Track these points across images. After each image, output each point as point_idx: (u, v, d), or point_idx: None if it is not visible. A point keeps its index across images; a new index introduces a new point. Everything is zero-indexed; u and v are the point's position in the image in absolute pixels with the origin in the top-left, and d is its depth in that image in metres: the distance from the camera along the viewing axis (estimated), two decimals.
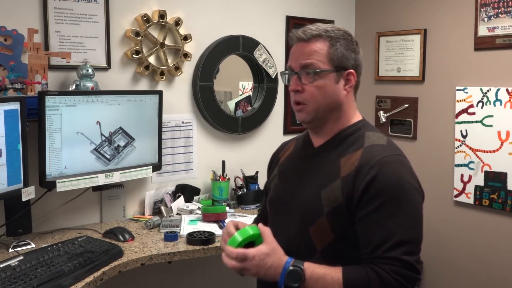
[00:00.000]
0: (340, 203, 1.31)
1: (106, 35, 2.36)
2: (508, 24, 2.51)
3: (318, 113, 1.39)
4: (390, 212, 1.26)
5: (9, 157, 1.93)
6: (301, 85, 1.38)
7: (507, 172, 2.55)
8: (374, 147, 1.35)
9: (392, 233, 1.25)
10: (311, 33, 1.38)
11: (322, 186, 1.36)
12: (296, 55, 1.40)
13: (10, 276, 1.60)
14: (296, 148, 1.57)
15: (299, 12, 3.02)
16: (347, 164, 1.34)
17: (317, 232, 1.34)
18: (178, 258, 2.05)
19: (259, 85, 2.91)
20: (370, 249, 1.26)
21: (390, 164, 1.31)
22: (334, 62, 1.38)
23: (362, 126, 1.44)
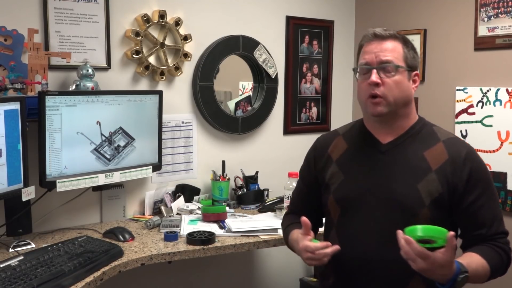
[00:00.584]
0: (440, 193, 1.45)
1: (106, 35, 2.36)
2: (508, 24, 2.51)
3: (395, 105, 1.48)
4: (489, 195, 1.48)
5: (9, 157, 1.93)
6: (380, 79, 1.47)
7: (507, 172, 2.55)
8: (451, 140, 1.54)
9: (495, 212, 1.49)
10: (388, 33, 1.51)
11: (415, 179, 1.47)
12: (375, 51, 1.49)
13: (10, 276, 1.60)
14: (353, 143, 1.61)
15: (299, 12, 3.02)
16: (433, 157, 1.48)
17: (418, 223, 1.39)
18: (178, 258, 2.05)
19: (259, 85, 2.91)
20: (485, 230, 1.46)
21: (476, 155, 1.52)
22: (408, 61, 1.50)
23: (426, 122, 1.59)
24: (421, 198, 1.44)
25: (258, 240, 2.18)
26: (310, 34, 3.08)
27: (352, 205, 1.54)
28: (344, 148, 1.61)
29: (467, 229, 1.50)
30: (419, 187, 1.45)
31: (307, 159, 1.73)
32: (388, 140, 1.54)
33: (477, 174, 1.47)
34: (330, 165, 1.61)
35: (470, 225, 1.49)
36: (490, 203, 1.48)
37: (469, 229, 1.49)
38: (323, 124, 3.20)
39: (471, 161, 1.48)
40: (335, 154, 1.62)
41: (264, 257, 3.01)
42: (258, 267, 3.03)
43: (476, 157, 1.51)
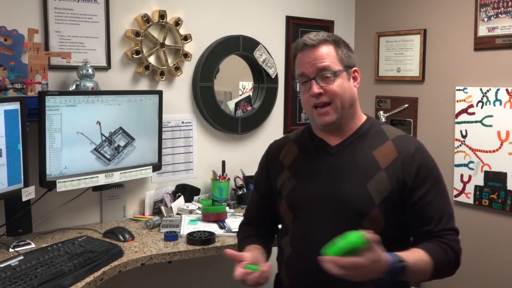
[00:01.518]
0: (390, 191, 1.44)
1: (106, 35, 2.36)
2: (508, 24, 2.51)
3: (343, 109, 1.49)
4: (438, 190, 1.48)
5: (9, 157, 1.93)
6: (321, 88, 1.46)
7: (506, 172, 2.55)
8: (401, 137, 1.53)
9: (444, 208, 1.47)
10: (317, 39, 1.49)
11: (365, 179, 1.46)
12: (309, 61, 1.48)
13: (10, 276, 1.60)
14: (303, 148, 1.61)
15: (299, 12, 3.02)
16: (382, 156, 1.48)
17: (369, 223, 1.43)
18: (178, 258, 2.05)
19: (259, 85, 2.92)
20: (432, 226, 1.45)
21: (424, 150, 1.52)
22: (344, 62, 1.50)
23: (374, 121, 1.59)
24: (371, 198, 1.44)
25: None
26: None
27: (303, 210, 1.53)
28: (295, 153, 1.61)
29: (415, 225, 1.48)
30: (369, 187, 1.45)
31: (260, 168, 1.73)
32: (337, 142, 1.54)
33: (425, 170, 1.47)
34: (282, 172, 1.61)
35: (418, 221, 1.47)
36: (438, 199, 1.47)
37: (417, 226, 1.48)
38: None
39: (420, 156, 1.48)
40: (287, 160, 1.62)
41: None
42: None
43: (425, 153, 1.51)
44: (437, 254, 1.42)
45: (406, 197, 1.46)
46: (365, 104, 3.23)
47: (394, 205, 1.45)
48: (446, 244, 1.44)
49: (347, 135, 1.54)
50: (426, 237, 1.46)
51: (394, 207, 1.45)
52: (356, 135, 1.53)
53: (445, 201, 1.49)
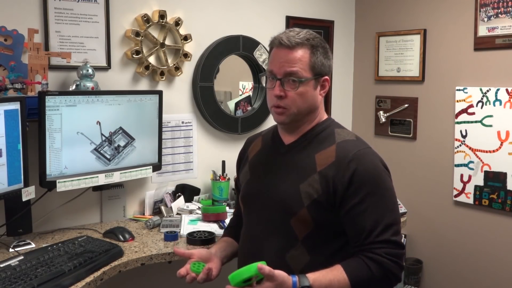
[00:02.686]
0: (319, 195, 1.42)
1: (106, 35, 2.36)
2: (507, 24, 2.52)
3: (297, 116, 1.49)
4: (375, 200, 1.39)
5: (9, 157, 1.93)
6: (284, 91, 1.46)
7: (506, 172, 2.55)
8: (346, 142, 1.48)
9: (379, 218, 1.38)
10: (295, 40, 1.45)
11: (299, 180, 1.46)
12: (280, 61, 1.46)
13: (10, 276, 1.60)
14: (265, 144, 1.65)
15: (299, 12, 3.02)
16: (322, 159, 1.45)
17: (298, 223, 1.44)
18: (178, 258, 2.04)
19: (259, 85, 2.92)
20: (362, 237, 1.38)
21: (365, 157, 1.44)
22: (314, 70, 1.47)
23: (330, 124, 1.55)
24: (300, 198, 1.43)
25: None
26: None
27: (250, 204, 1.60)
28: (258, 148, 1.65)
29: (348, 235, 1.43)
30: (301, 188, 1.44)
31: (237, 163, 1.77)
32: (290, 141, 1.55)
33: (360, 178, 1.39)
34: (245, 165, 1.67)
35: (350, 231, 1.42)
36: (374, 208, 1.38)
37: (349, 236, 1.43)
38: None
39: (357, 163, 1.40)
40: (251, 154, 1.67)
41: None
42: None
43: (365, 159, 1.42)
44: (358, 273, 1.36)
45: (338, 204, 1.41)
46: (365, 104, 3.24)
47: (324, 209, 1.42)
48: (373, 260, 1.36)
49: (299, 135, 1.54)
50: (356, 249, 1.40)
51: (324, 211, 1.42)
52: (306, 136, 1.53)
53: (383, 212, 1.39)
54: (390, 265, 1.36)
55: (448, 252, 2.86)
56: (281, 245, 1.46)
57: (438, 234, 2.89)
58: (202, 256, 1.53)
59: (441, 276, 2.91)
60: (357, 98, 3.33)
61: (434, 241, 2.90)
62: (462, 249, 2.80)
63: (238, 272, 1.30)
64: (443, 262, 2.88)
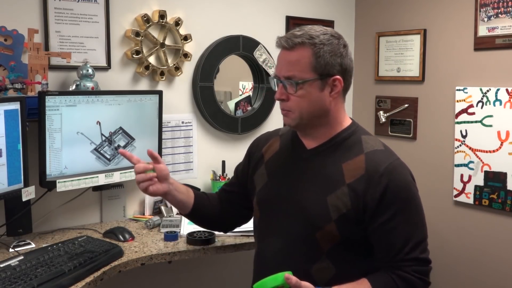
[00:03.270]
0: (348, 210, 1.35)
1: (106, 35, 2.36)
2: (508, 24, 2.51)
3: (302, 119, 1.41)
4: (405, 217, 1.35)
5: (9, 157, 1.93)
6: (286, 94, 1.40)
7: (506, 172, 2.55)
8: (375, 153, 1.40)
9: (410, 236, 1.35)
10: (294, 41, 1.37)
11: (326, 191, 1.38)
12: (281, 64, 1.41)
13: (10, 276, 1.60)
14: (283, 146, 1.56)
15: (299, 12, 3.02)
16: (350, 170, 1.38)
17: (324, 236, 1.37)
18: (178, 258, 2.05)
19: (259, 85, 2.92)
20: (392, 255, 1.35)
21: (397, 171, 1.38)
22: (318, 70, 1.37)
23: (356, 130, 1.47)
24: (328, 212, 1.36)
25: None
26: None
27: (268, 209, 1.51)
28: (276, 150, 1.57)
29: (377, 251, 1.39)
30: (328, 200, 1.37)
31: (246, 155, 1.71)
32: (312, 146, 1.47)
33: (392, 193, 1.34)
34: (260, 166, 1.59)
35: (379, 248, 1.38)
36: (404, 226, 1.35)
37: (378, 251, 1.38)
38: None
39: (389, 177, 1.34)
40: (267, 154, 1.59)
41: None
42: None
43: (396, 173, 1.37)
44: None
45: (367, 219, 1.35)
46: (365, 104, 3.24)
47: (352, 224, 1.36)
48: (401, 278, 1.33)
49: (323, 141, 1.45)
50: (384, 265, 1.37)
51: (352, 226, 1.36)
52: (330, 143, 1.44)
53: (413, 228, 1.36)
54: (418, 283, 1.34)
55: (448, 252, 2.86)
56: (306, 257, 1.40)
57: (438, 234, 2.89)
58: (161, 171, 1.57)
59: (441, 276, 2.91)
60: (357, 98, 3.33)
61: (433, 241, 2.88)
62: (462, 249, 2.80)
63: (264, 282, 1.27)
64: (443, 262, 2.88)
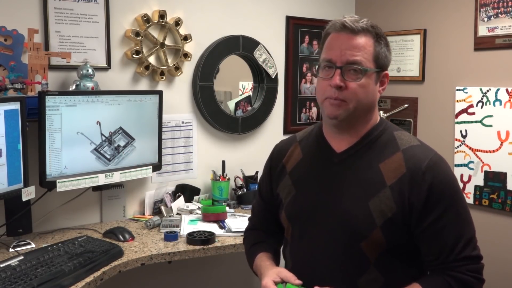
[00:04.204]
0: (394, 213, 1.26)
1: (106, 35, 2.36)
2: (508, 24, 2.51)
3: (356, 111, 1.30)
4: (453, 214, 1.27)
5: (9, 157, 1.93)
6: (344, 82, 1.27)
7: (506, 172, 2.55)
8: (412, 149, 1.31)
9: (460, 234, 1.27)
10: (360, 25, 1.28)
11: (367, 196, 1.28)
12: (342, 48, 1.28)
13: (10, 276, 1.60)
14: (307, 153, 1.45)
15: (299, 12, 3.02)
16: (389, 170, 1.29)
17: (370, 245, 1.28)
18: (178, 258, 2.05)
19: (259, 85, 2.92)
20: (444, 256, 1.26)
21: (439, 166, 1.29)
22: (378, 61, 1.30)
23: (387, 126, 1.38)
24: (372, 219, 1.26)
25: None
26: (310, 34, 3.08)
27: (301, 223, 1.39)
28: (299, 158, 1.45)
29: (426, 254, 1.30)
30: (371, 205, 1.27)
31: (264, 170, 1.57)
32: (342, 148, 1.35)
33: (438, 190, 1.25)
34: (283, 177, 1.46)
35: (429, 250, 1.29)
36: (454, 223, 1.27)
37: (427, 254, 1.29)
38: None
39: (432, 174, 1.26)
40: (290, 164, 1.46)
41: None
42: None
43: (439, 169, 1.28)
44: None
45: (414, 221, 1.27)
46: None
47: (399, 228, 1.27)
48: (456, 279, 1.25)
49: (354, 141, 1.34)
50: (437, 267, 1.29)
51: (399, 230, 1.27)
52: (363, 142, 1.34)
53: (463, 225, 1.28)
54: (474, 282, 1.27)
55: None
56: (351, 270, 1.29)
57: None
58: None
59: None
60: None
61: None
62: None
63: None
64: None
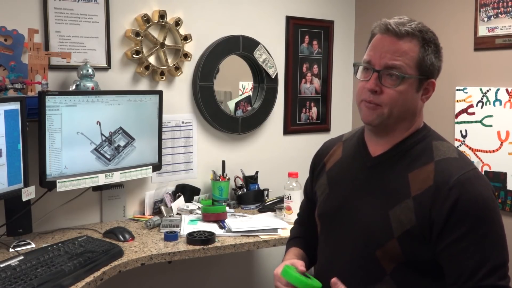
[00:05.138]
0: (413, 226, 1.19)
1: (106, 35, 2.36)
2: (507, 24, 2.51)
3: (390, 119, 1.26)
4: (480, 236, 1.16)
5: (10, 157, 1.93)
6: (380, 86, 1.24)
7: (506, 172, 2.55)
8: (447, 161, 1.23)
9: (485, 259, 1.15)
10: (405, 29, 1.23)
11: (389, 205, 1.24)
12: (382, 51, 1.24)
13: (10, 276, 1.60)
14: (346, 153, 1.43)
15: (299, 12, 3.02)
16: (417, 181, 1.22)
17: (385, 255, 1.23)
18: (178, 258, 2.05)
19: (259, 85, 2.92)
20: (462, 280, 1.16)
21: (471, 182, 1.19)
22: (422, 68, 1.25)
23: (427, 134, 1.32)
24: (390, 228, 1.21)
25: (258, 240, 2.18)
26: (310, 34, 3.08)
27: (328, 223, 1.39)
28: (338, 157, 1.44)
29: (446, 274, 1.20)
30: (391, 215, 1.22)
31: (310, 170, 1.56)
32: (378, 153, 1.32)
33: (464, 208, 1.16)
34: (322, 175, 1.46)
35: (448, 271, 1.19)
36: (478, 247, 1.15)
37: (447, 276, 1.20)
38: (323, 124, 3.20)
39: (460, 191, 1.17)
40: (330, 163, 1.45)
41: (264, 257, 3.01)
42: (258, 267, 3.03)
43: (470, 186, 1.18)
44: None
45: (434, 238, 1.19)
46: None
47: (417, 242, 1.20)
48: None
49: (390, 146, 1.30)
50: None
51: (418, 244, 1.20)
52: (398, 148, 1.29)
53: (490, 250, 1.16)
54: None
55: None
56: (367, 277, 1.26)
57: None
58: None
59: None
60: None
61: None
62: None
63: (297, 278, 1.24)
64: None
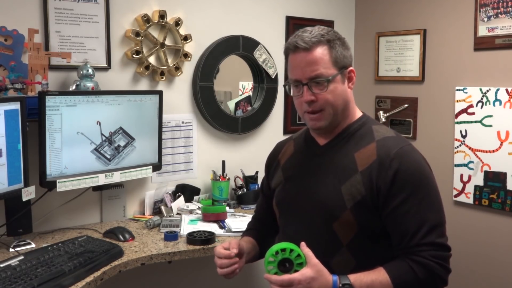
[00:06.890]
0: (363, 196, 1.36)
1: (106, 35, 2.36)
2: (507, 24, 2.52)
3: (335, 115, 1.42)
4: (419, 199, 1.34)
5: (10, 157, 1.93)
6: (314, 95, 1.39)
7: (506, 172, 2.55)
8: (386, 139, 1.42)
9: (424, 219, 1.33)
10: (311, 40, 1.39)
11: (341, 181, 1.40)
12: (301, 67, 1.39)
13: (10, 276, 1.60)
14: (297, 148, 1.59)
15: (299, 12, 3.02)
16: (363, 158, 1.39)
17: (341, 227, 1.38)
18: (178, 258, 2.05)
19: (259, 85, 2.92)
20: (406, 240, 1.33)
21: (408, 154, 1.38)
22: (338, 64, 1.41)
23: (366, 121, 1.49)
24: (343, 201, 1.38)
25: None
26: None
27: (286, 209, 1.54)
28: (291, 153, 1.60)
29: (392, 238, 1.38)
30: (343, 189, 1.38)
31: (265, 167, 1.71)
32: (325, 141, 1.49)
33: (404, 176, 1.34)
34: (277, 171, 1.61)
35: (393, 234, 1.37)
36: (418, 209, 1.33)
37: (393, 238, 1.37)
38: None
39: (399, 161, 1.35)
40: (283, 159, 1.61)
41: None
42: (258, 267, 3.03)
43: (408, 157, 1.38)
44: (402, 276, 1.31)
45: (381, 205, 1.36)
46: (365, 104, 3.24)
47: (368, 210, 1.36)
48: (418, 263, 1.31)
49: (335, 135, 1.48)
50: (399, 252, 1.36)
51: (368, 212, 1.37)
52: (343, 135, 1.47)
53: (428, 211, 1.34)
54: (437, 268, 1.32)
55: None
56: (325, 251, 1.39)
57: None
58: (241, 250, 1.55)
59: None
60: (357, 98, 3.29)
61: None
62: (462, 249, 2.80)
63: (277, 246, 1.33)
64: None
